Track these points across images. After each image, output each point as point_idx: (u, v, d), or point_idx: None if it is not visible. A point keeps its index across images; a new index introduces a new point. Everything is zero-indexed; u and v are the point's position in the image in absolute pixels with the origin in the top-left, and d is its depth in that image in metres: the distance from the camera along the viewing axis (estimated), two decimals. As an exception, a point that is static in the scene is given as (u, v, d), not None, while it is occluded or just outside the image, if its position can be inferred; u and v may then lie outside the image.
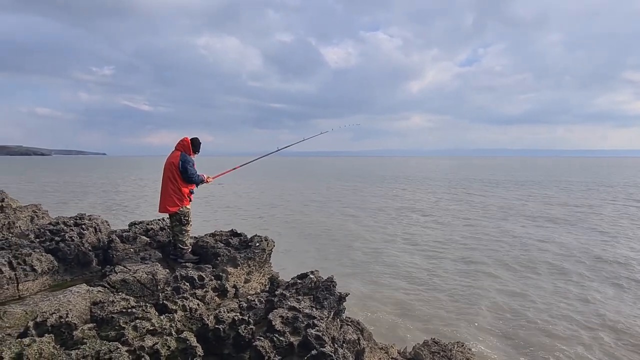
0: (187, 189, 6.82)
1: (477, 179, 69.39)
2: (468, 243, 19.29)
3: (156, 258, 6.65)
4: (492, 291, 12.71)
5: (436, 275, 14.36)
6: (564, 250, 17.72)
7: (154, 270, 5.86)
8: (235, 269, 6.52)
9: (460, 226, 23.65)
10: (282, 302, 4.77)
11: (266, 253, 7.06)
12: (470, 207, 31.79)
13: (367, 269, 15.07)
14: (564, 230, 22.33)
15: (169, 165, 6.73)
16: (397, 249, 18.16)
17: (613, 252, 17.33)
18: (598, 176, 77.62)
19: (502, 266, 15.37)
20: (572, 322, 10.46)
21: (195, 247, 7.07)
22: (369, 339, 6.57)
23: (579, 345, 9.28)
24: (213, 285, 5.34)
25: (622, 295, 12.37)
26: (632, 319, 10.54)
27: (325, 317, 4.62)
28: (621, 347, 9.19)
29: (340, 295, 5.15)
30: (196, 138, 6.99)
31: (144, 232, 7.59)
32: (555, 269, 14.96)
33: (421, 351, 7.17)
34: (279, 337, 4.08)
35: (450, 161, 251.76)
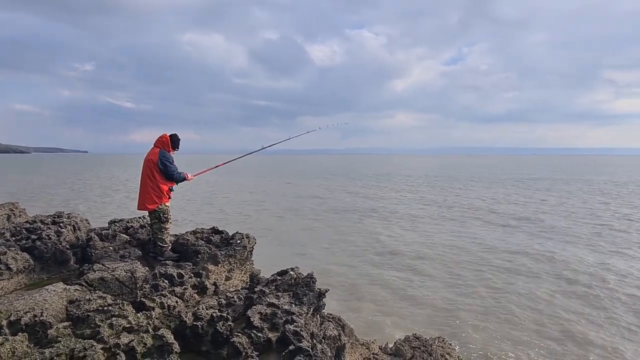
0: (166, 187, 6.76)
1: (462, 177, 70.22)
2: (451, 242, 19.52)
3: (136, 256, 6.59)
4: (476, 287, 12.90)
5: (418, 272, 14.50)
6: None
7: (133, 268, 5.80)
8: (216, 267, 6.49)
9: (446, 225, 23.92)
10: (262, 299, 4.77)
11: (247, 250, 7.04)
12: (449, 207, 32.16)
13: (350, 265, 15.14)
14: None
15: (148, 162, 6.66)
16: (379, 247, 18.28)
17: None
18: (572, 174, 79.05)
19: (478, 266, 15.60)
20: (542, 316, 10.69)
21: (176, 245, 7.02)
22: (350, 335, 6.60)
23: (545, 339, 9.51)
24: (192, 283, 5.32)
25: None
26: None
27: (305, 313, 4.64)
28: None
29: (320, 292, 5.17)
30: (175, 134, 6.92)
31: (123, 230, 7.51)
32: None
33: (402, 346, 7.23)
34: (257, 333, 4.08)
35: (436, 159, 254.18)
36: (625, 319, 10.52)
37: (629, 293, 12.31)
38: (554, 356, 8.82)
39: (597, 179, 63.92)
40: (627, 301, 11.73)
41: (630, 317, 10.63)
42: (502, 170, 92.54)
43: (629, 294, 12.21)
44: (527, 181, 59.13)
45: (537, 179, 63.14)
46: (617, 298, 11.96)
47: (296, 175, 75.33)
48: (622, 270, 14.43)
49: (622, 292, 12.41)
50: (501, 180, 61.62)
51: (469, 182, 56.90)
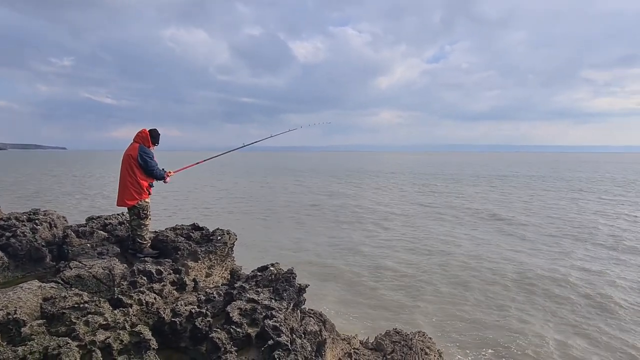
0: (146, 182, 6.67)
1: (441, 174, 71.00)
2: (434, 237, 19.74)
3: (114, 253, 6.49)
4: (448, 283, 13.08)
5: (401, 266, 14.63)
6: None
7: (110, 265, 5.72)
8: (196, 263, 6.44)
9: (428, 221, 24.16)
10: (241, 295, 4.75)
11: (228, 247, 7.00)
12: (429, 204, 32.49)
13: (332, 261, 15.19)
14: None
15: (127, 157, 6.56)
16: (361, 243, 18.38)
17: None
18: (556, 171, 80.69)
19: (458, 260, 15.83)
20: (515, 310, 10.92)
21: (155, 242, 6.94)
22: (331, 330, 6.62)
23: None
24: (171, 279, 5.27)
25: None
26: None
27: (284, 308, 4.64)
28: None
29: (300, 287, 5.17)
30: (154, 129, 6.82)
31: (101, 227, 7.38)
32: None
33: (383, 341, 7.29)
34: (236, 329, 4.07)
35: (420, 157, 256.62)
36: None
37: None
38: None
39: (577, 176, 65.31)
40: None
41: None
42: (483, 168, 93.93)
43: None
44: (510, 178, 60.10)
45: (530, 176, 64.22)
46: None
47: (278, 172, 75.14)
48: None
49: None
50: (483, 176, 62.53)
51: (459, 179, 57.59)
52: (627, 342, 9.25)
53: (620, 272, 13.99)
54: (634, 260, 15.49)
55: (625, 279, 13.22)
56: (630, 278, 13.35)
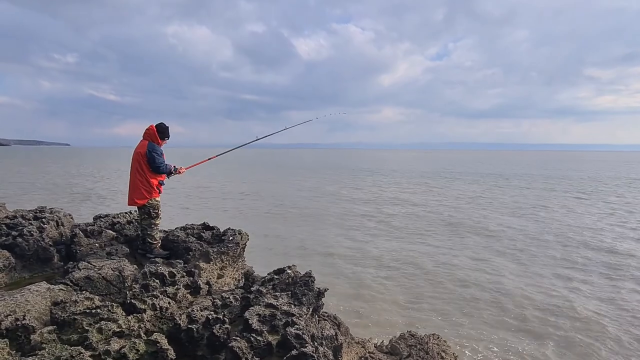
0: (156, 180, 6.47)
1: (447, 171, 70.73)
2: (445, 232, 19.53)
3: (123, 253, 6.29)
4: (467, 282, 12.88)
5: (410, 267, 14.43)
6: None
7: (120, 267, 5.52)
8: (208, 264, 6.25)
9: (443, 215, 23.95)
10: (259, 299, 4.55)
11: (240, 247, 6.81)
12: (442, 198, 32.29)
13: (340, 263, 14.98)
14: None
15: (137, 155, 6.36)
16: (369, 243, 18.18)
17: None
18: (555, 170, 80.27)
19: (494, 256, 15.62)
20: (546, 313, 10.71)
21: (165, 242, 6.74)
22: (346, 334, 6.43)
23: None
24: (185, 282, 5.06)
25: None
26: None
27: (305, 314, 4.44)
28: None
29: (319, 291, 4.97)
30: (162, 123, 6.59)
31: (110, 226, 7.18)
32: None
33: (398, 344, 7.10)
34: (257, 337, 3.86)
35: (421, 154, 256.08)
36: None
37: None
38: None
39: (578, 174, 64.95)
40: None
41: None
42: (484, 166, 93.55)
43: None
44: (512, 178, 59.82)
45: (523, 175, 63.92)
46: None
47: (281, 169, 74.96)
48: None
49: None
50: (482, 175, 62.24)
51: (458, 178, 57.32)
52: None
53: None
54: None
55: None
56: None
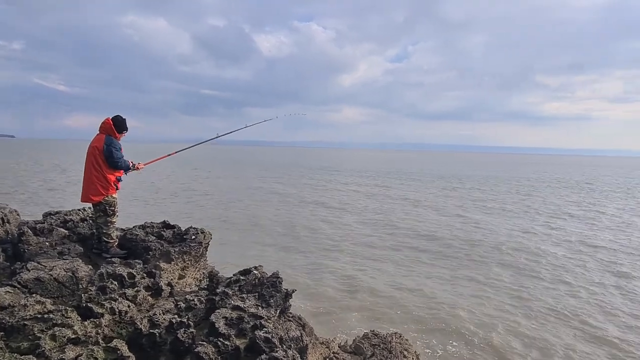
0: (114, 176, 6.14)
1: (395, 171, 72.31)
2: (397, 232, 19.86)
3: (77, 253, 5.91)
4: (422, 281, 13.13)
5: (370, 266, 14.57)
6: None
7: (74, 267, 5.18)
8: (169, 265, 6.00)
9: (401, 216, 24.33)
10: (225, 301, 4.39)
11: (203, 246, 6.59)
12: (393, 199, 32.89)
13: (302, 261, 14.92)
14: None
15: (93, 149, 6.00)
16: (326, 242, 18.23)
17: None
18: (502, 172, 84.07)
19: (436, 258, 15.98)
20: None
21: (123, 241, 6.40)
22: (311, 334, 6.36)
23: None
24: (145, 284, 4.81)
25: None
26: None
27: (273, 316, 4.33)
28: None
29: (287, 292, 4.88)
30: (118, 116, 6.24)
31: (61, 224, 6.75)
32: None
33: (362, 344, 7.11)
34: (224, 341, 3.72)
35: (381, 154, 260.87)
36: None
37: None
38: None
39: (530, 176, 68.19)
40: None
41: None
42: (436, 167, 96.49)
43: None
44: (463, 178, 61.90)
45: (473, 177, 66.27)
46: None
47: (241, 167, 74.05)
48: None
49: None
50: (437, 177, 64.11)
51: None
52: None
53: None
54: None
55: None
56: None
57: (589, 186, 52.38)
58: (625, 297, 12.25)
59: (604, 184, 56.45)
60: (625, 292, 12.65)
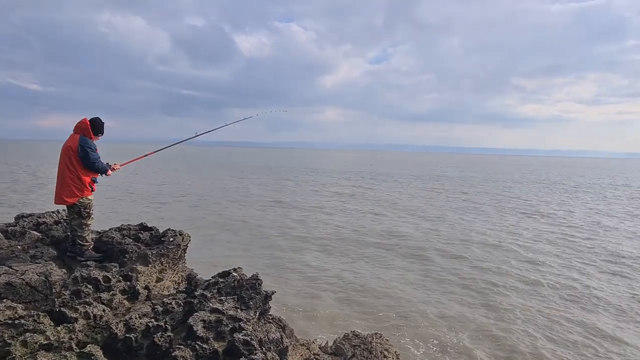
0: (89, 178, 6.00)
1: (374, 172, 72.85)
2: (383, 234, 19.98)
3: (50, 256, 5.76)
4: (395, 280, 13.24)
5: (349, 268, 14.61)
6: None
7: (47, 271, 5.04)
8: (146, 267, 5.88)
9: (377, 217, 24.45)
10: (203, 304, 4.34)
11: (181, 249, 6.49)
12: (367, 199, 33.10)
13: (281, 263, 14.86)
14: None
15: (67, 150, 5.86)
16: (300, 245, 18.21)
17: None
18: (476, 172, 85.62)
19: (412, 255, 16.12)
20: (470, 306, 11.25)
21: (99, 243, 6.26)
22: (291, 336, 6.33)
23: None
24: (121, 287, 4.71)
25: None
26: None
27: (252, 318, 4.29)
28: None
29: (267, 294, 4.85)
30: (97, 118, 6.14)
31: (34, 227, 6.57)
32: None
33: (342, 345, 7.11)
34: (202, 345, 3.67)
35: (362, 155, 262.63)
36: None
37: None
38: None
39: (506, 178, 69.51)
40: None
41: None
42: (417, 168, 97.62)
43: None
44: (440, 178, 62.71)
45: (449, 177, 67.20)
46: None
47: (220, 168, 73.42)
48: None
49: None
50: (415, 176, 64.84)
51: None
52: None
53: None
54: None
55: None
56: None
57: (562, 186, 53.82)
58: (592, 292, 12.62)
59: (577, 184, 58.03)
60: (594, 287, 13.03)
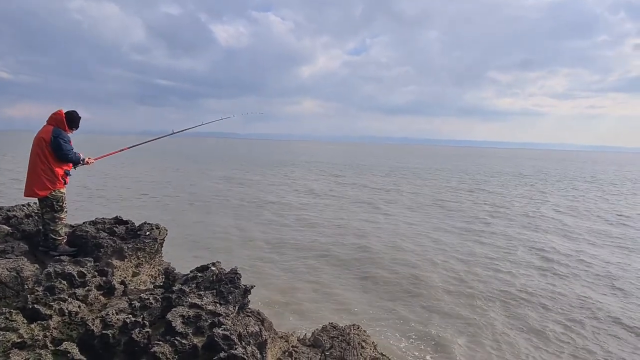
0: (62, 170, 5.84)
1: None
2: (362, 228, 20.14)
3: (21, 251, 5.60)
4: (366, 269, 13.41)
5: (326, 260, 14.71)
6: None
7: (18, 266, 4.89)
8: (122, 262, 5.79)
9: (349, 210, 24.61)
10: (182, 299, 4.29)
11: (158, 243, 6.41)
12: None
13: (254, 257, 14.81)
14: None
15: (39, 141, 5.69)
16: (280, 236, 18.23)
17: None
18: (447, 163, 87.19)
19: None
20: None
21: (72, 238, 6.12)
22: (270, 329, 6.36)
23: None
24: (97, 283, 4.62)
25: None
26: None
27: (231, 312, 4.28)
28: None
29: (246, 288, 4.84)
30: (73, 111, 6.00)
31: (3, 220, 6.36)
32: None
33: (320, 337, 7.18)
34: (181, 340, 3.64)
35: (339, 147, 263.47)
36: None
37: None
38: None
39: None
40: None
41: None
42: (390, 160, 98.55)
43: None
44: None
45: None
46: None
47: (197, 160, 72.39)
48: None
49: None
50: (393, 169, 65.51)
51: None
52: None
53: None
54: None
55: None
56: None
57: (538, 177, 55.52)
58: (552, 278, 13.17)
59: (551, 177, 59.86)
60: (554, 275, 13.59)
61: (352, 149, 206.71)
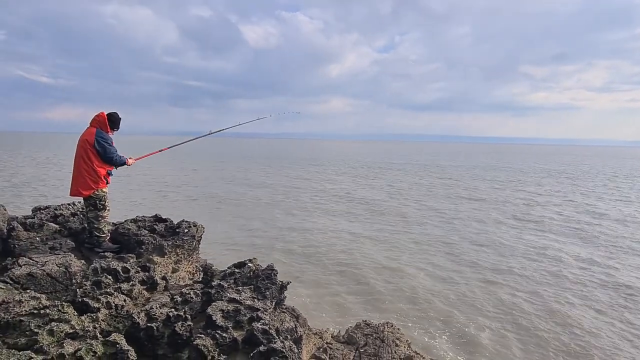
0: (104, 170, 6.09)
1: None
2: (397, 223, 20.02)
3: (68, 248, 5.87)
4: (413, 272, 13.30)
5: (360, 257, 14.69)
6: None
7: (67, 262, 5.15)
8: (162, 258, 5.99)
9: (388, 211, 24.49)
10: (221, 294, 4.42)
11: (195, 240, 6.59)
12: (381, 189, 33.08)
13: (291, 255, 14.96)
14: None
15: (83, 142, 5.95)
16: (316, 232, 18.30)
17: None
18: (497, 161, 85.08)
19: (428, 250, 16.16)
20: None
21: (115, 235, 6.37)
22: (304, 325, 6.43)
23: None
24: (140, 278, 4.81)
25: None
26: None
27: (269, 308, 4.37)
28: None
29: (282, 284, 4.92)
30: (115, 113, 6.25)
31: (52, 219, 6.68)
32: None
33: (354, 334, 7.20)
34: (222, 333, 3.75)
35: (367, 145, 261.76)
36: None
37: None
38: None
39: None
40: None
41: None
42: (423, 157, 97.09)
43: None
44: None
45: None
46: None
47: (230, 160, 73.58)
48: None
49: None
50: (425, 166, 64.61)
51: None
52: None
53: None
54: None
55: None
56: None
57: (578, 174, 53.39)
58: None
59: (590, 175, 57.49)
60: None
61: (381, 148, 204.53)
